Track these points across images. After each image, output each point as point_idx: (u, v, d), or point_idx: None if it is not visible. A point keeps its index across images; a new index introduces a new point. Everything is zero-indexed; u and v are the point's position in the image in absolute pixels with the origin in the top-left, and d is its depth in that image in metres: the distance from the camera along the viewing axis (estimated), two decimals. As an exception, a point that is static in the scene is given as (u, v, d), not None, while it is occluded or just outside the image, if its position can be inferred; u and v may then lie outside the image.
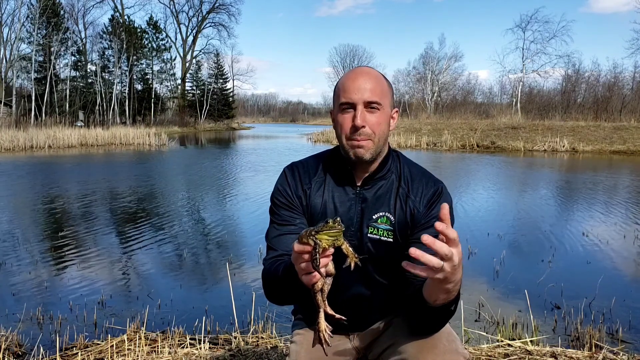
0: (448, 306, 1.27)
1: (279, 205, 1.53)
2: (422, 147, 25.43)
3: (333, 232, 1.14)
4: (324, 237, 1.14)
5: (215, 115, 57.78)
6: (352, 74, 1.47)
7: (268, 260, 1.49)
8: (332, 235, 1.14)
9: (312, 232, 1.16)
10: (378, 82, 1.45)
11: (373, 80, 1.44)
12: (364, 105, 1.43)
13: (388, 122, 1.49)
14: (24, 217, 7.88)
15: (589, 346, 3.10)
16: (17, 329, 3.46)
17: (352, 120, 1.43)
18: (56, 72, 40.31)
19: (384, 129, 1.46)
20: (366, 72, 1.47)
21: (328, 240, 1.14)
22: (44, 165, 16.92)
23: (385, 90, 1.47)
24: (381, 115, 1.45)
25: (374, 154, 1.46)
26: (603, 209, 8.75)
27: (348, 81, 1.45)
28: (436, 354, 1.36)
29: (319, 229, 1.14)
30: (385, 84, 1.48)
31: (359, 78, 1.44)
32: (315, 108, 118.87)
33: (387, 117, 1.48)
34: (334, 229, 1.14)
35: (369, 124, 1.43)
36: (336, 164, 1.54)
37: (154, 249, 6.08)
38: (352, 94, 1.43)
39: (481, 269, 5.24)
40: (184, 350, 2.92)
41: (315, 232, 1.15)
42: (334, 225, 1.13)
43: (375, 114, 1.44)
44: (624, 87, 38.60)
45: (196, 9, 57.92)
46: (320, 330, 1.29)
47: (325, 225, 1.14)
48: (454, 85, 55.23)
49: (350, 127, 1.44)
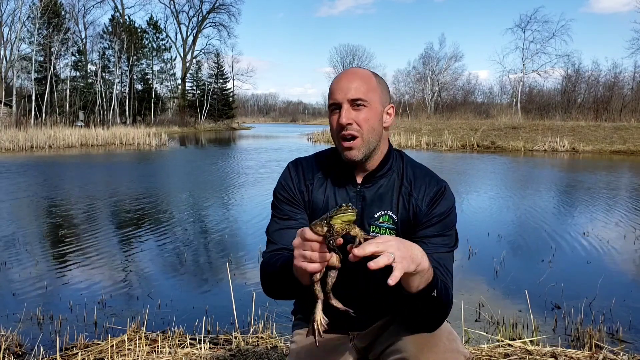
0: (427, 292, 1.27)
1: (281, 199, 1.55)
2: (422, 147, 25.44)
3: (347, 215, 1.15)
4: (337, 222, 1.15)
5: (215, 115, 57.77)
6: (338, 76, 1.51)
7: (267, 253, 1.50)
8: (346, 218, 1.15)
9: (324, 218, 1.17)
10: (363, 80, 1.47)
11: (357, 79, 1.46)
12: (349, 103, 1.44)
13: (379, 119, 1.48)
14: (24, 217, 7.88)
15: (589, 346, 3.09)
16: (17, 329, 3.46)
17: (338, 119, 1.45)
18: (56, 72, 40.33)
19: (372, 124, 1.46)
20: (352, 72, 1.50)
21: (342, 224, 1.16)
22: (43, 165, 16.92)
23: (372, 87, 1.47)
24: (368, 112, 1.45)
25: (366, 152, 1.46)
26: (603, 209, 8.75)
27: (334, 83, 1.49)
28: (437, 353, 1.35)
29: (332, 213, 1.16)
30: (373, 81, 1.48)
31: (343, 79, 1.47)
32: (315, 108, 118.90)
33: (376, 114, 1.47)
34: (348, 212, 1.15)
35: (355, 120, 1.44)
36: (337, 162, 1.55)
37: (154, 249, 6.08)
38: (336, 94, 1.46)
39: (481, 269, 5.24)
40: (184, 350, 2.91)
41: (330, 217, 1.16)
42: (347, 209, 1.15)
43: (361, 110, 1.45)
44: (624, 87, 38.64)
45: (196, 9, 57.99)
46: (316, 321, 1.29)
47: (339, 209, 1.15)
48: (454, 85, 55.24)
49: (337, 126, 1.46)
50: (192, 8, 57.78)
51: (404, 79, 58.69)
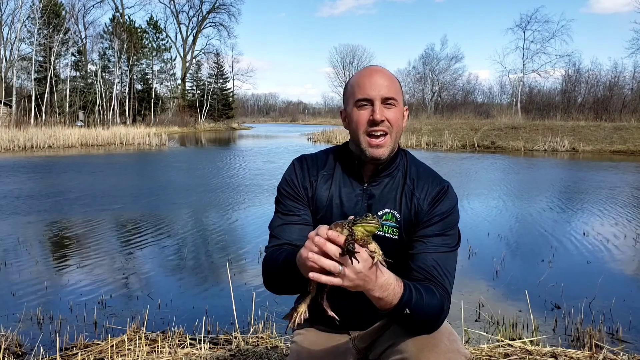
0: (397, 312, 1.27)
1: (285, 195, 1.55)
2: (422, 147, 25.44)
3: (371, 226, 1.14)
4: (359, 230, 1.14)
5: (215, 115, 57.78)
6: (367, 71, 1.50)
7: (270, 248, 1.50)
8: (369, 228, 1.14)
9: (347, 223, 1.16)
10: (392, 80, 1.49)
11: (388, 78, 1.48)
12: (381, 100, 1.45)
13: (402, 119, 1.52)
14: (24, 217, 7.87)
15: (589, 346, 3.09)
16: (17, 329, 3.46)
17: (371, 115, 1.44)
18: (56, 72, 40.33)
19: (400, 124, 1.50)
20: (380, 69, 1.50)
21: (363, 234, 1.15)
22: (43, 165, 16.91)
23: (398, 88, 1.51)
24: (397, 111, 1.48)
25: (391, 151, 1.49)
26: (603, 208, 8.75)
27: (363, 78, 1.48)
28: (437, 353, 1.35)
29: (357, 221, 1.15)
30: (397, 83, 1.52)
31: (374, 75, 1.48)
32: (315, 108, 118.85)
33: (402, 114, 1.51)
34: (372, 222, 1.14)
35: (387, 118, 1.46)
36: (345, 160, 1.56)
37: (154, 249, 6.08)
38: (369, 90, 1.45)
39: (481, 269, 5.24)
40: (184, 350, 2.91)
41: (353, 224, 1.15)
42: (373, 220, 1.14)
43: (392, 109, 1.47)
44: (624, 87, 38.63)
45: (196, 9, 58.11)
46: (298, 312, 1.31)
47: (364, 218, 1.14)
48: (454, 85, 55.27)
49: (368, 121, 1.45)
50: (192, 8, 57.96)
51: (404, 79, 58.66)
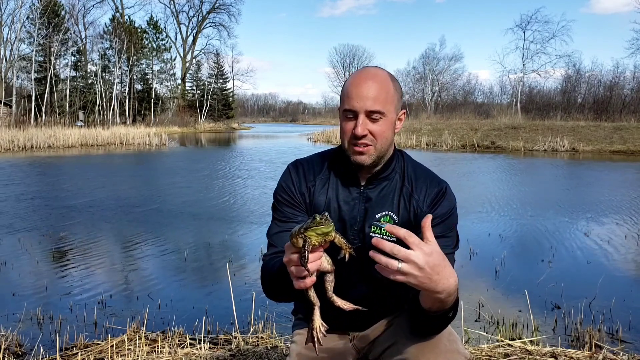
0: (445, 314, 1.27)
1: (281, 202, 1.52)
2: (422, 147, 25.43)
3: (321, 229, 1.09)
4: (312, 234, 1.10)
5: (215, 115, 57.74)
6: (357, 78, 1.43)
7: (267, 256, 1.49)
8: (320, 231, 1.09)
9: (300, 229, 1.12)
10: (383, 88, 1.41)
11: (377, 87, 1.40)
12: (366, 114, 1.40)
13: (392, 128, 1.45)
14: (24, 217, 7.87)
15: (589, 346, 3.09)
16: (17, 329, 3.46)
17: (353, 129, 1.41)
18: (56, 72, 40.31)
19: (387, 135, 1.43)
20: (372, 76, 1.42)
21: (317, 237, 1.10)
22: (43, 165, 16.91)
23: (390, 95, 1.43)
24: (384, 124, 1.42)
25: (375, 159, 1.44)
26: (603, 208, 8.75)
27: (352, 86, 1.42)
28: (437, 354, 1.35)
29: (307, 225, 1.10)
30: (391, 89, 1.43)
31: (363, 84, 1.40)
32: (315, 108, 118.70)
33: (390, 124, 1.44)
34: (322, 224, 1.09)
35: (371, 131, 1.41)
36: (341, 163, 1.53)
37: (154, 249, 6.08)
38: (354, 101, 1.40)
39: (481, 269, 5.24)
40: (184, 350, 2.91)
41: (304, 230, 1.10)
42: (321, 221, 1.09)
43: (377, 122, 1.41)
44: (624, 87, 38.62)
45: (196, 9, 58.05)
46: (314, 329, 1.26)
47: (313, 221, 1.09)
48: (454, 85, 55.32)
49: (351, 135, 1.42)
50: (192, 8, 57.90)
51: (403, 79, 58.70)
